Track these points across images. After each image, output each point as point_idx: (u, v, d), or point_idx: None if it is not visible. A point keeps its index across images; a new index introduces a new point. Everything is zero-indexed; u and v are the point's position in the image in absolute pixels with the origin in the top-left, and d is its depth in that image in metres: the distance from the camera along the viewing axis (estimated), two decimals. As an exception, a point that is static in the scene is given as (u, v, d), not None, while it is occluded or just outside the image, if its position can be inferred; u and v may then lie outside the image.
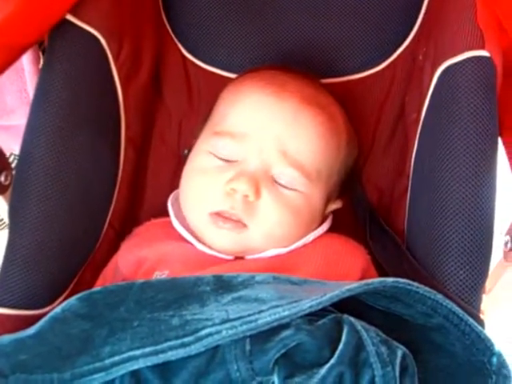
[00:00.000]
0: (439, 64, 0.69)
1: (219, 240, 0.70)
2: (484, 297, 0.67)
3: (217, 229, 0.69)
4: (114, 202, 0.80)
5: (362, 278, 0.67)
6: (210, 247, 0.71)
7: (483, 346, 0.54)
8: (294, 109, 0.70)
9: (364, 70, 0.88)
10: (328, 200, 0.75)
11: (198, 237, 0.72)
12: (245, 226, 0.69)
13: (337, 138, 0.74)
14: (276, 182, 0.69)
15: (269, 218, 0.69)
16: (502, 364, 0.54)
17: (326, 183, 0.73)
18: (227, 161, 0.71)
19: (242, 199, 0.68)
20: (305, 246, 0.72)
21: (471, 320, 0.54)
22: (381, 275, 0.70)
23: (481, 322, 0.60)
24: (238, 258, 0.71)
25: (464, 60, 0.66)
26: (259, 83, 0.74)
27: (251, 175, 0.68)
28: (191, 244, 0.72)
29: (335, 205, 0.78)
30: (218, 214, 0.69)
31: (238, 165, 0.70)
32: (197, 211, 0.72)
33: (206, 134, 0.75)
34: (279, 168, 0.69)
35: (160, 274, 0.68)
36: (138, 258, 0.72)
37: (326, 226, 0.75)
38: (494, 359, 0.54)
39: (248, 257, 0.71)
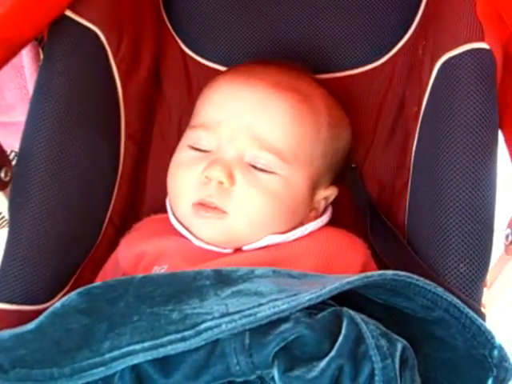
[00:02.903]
0: (439, 57, 0.69)
1: (205, 230, 0.71)
2: (485, 290, 0.67)
3: (200, 219, 0.70)
4: (114, 198, 0.81)
5: (361, 272, 0.66)
6: (207, 242, 0.71)
7: (484, 339, 0.54)
8: (264, 93, 0.71)
9: (364, 65, 0.88)
10: (315, 184, 0.74)
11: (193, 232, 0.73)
12: (224, 212, 0.69)
13: (314, 120, 0.73)
14: (252, 167, 0.70)
15: (247, 203, 0.69)
16: (503, 357, 0.54)
17: (308, 166, 0.73)
18: (203, 152, 0.72)
19: (216, 186, 0.69)
20: (304, 238, 0.71)
21: (472, 313, 0.54)
22: (381, 269, 0.70)
23: (482, 316, 0.59)
24: (237, 250, 0.71)
25: (463, 52, 0.65)
26: (231, 74, 0.75)
27: (224, 162, 0.69)
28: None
29: (328, 191, 0.77)
30: (199, 204, 0.70)
31: (212, 154, 0.71)
32: (181, 204, 0.73)
33: (186, 130, 0.77)
34: (252, 152, 0.70)
35: (159, 269, 0.68)
36: (138, 253, 0.73)
37: (325, 219, 0.75)
38: (495, 352, 0.54)
39: (246, 247, 0.71)
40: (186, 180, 0.72)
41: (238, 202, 0.69)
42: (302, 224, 0.74)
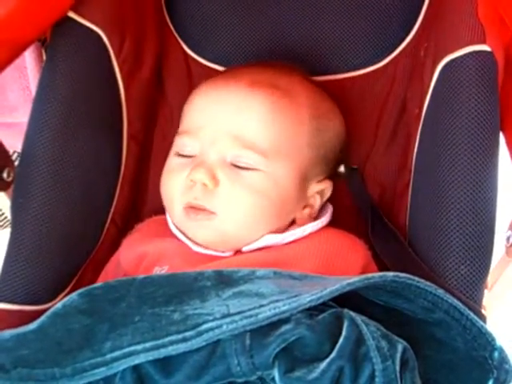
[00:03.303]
0: (440, 59, 0.69)
1: (198, 232, 0.71)
2: (486, 292, 0.67)
3: (192, 221, 0.71)
4: (116, 199, 0.81)
5: (362, 274, 0.66)
6: (205, 247, 0.71)
7: (484, 341, 0.54)
8: (241, 93, 0.72)
9: (366, 67, 0.88)
10: (304, 177, 0.74)
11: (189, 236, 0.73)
12: (213, 213, 0.70)
13: (294, 113, 0.73)
14: (235, 166, 0.70)
15: (232, 202, 0.70)
16: (504, 359, 0.54)
17: (294, 159, 0.72)
18: (189, 157, 0.73)
19: (201, 188, 0.69)
20: (304, 239, 0.71)
21: (472, 315, 0.54)
22: (382, 270, 0.70)
23: (482, 317, 0.60)
24: (237, 253, 0.72)
25: (465, 54, 0.66)
26: (212, 80, 0.76)
27: (207, 165, 0.70)
28: None
29: (321, 185, 0.76)
30: (189, 208, 0.71)
31: (197, 159, 0.71)
32: (173, 210, 0.74)
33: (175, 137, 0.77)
34: (234, 152, 0.70)
35: (160, 270, 0.69)
36: (139, 254, 0.73)
37: (325, 220, 0.75)
38: (496, 354, 0.54)
39: (245, 249, 0.71)
40: (174, 186, 0.73)
41: (224, 201, 0.69)
42: (295, 222, 0.74)
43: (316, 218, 0.76)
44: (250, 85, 0.72)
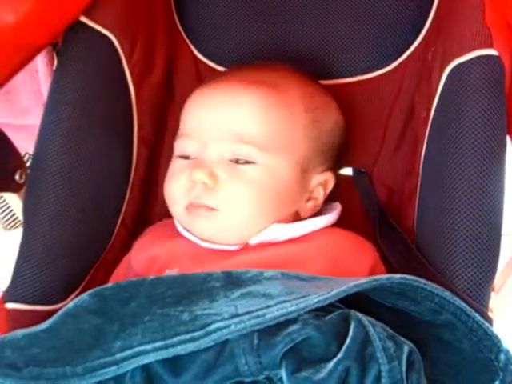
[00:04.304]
0: (447, 63, 0.69)
1: (203, 228, 0.72)
2: (493, 295, 0.67)
3: (195, 218, 0.72)
4: (126, 201, 0.82)
5: (370, 275, 0.67)
6: (212, 242, 0.72)
7: (491, 343, 0.54)
8: (231, 91, 0.73)
9: (374, 71, 0.88)
10: (304, 168, 0.74)
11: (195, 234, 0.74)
12: (214, 209, 0.71)
13: (287, 106, 0.73)
14: (234, 162, 0.71)
15: (233, 197, 0.70)
16: (510, 361, 0.54)
17: (292, 151, 0.73)
18: (188, 159, 0.74)
19: (202, 188, 0.70)
20: (313, 239, 0.71)
21: (479, 317, 0.55)
22: (389, 273, 0.70)
23: (489, 320, 0.60)
24: (245, 247, 0.72)
25: (472, 59, 0.66)
26: (206, 83, 0.77)
27: (206, 164, 0.71)
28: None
29: (323, 176, 0.77)
30: (190, 206, 0.72)
31: (196, 159, 0.73)
32: (176, 211, 0.75)
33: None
34: (229, 148, 0.71)
35: (170, 272, 0.69)
36: (151, 257, 0.74)
37: (332, 217, 0.76)
38: (502, 356, 0.54)
39: (252, 241, 0.72)
40: (176, 188, 0.74)
41: (225, 197, 0.70)
42: (300, 214, 0.75)
43: (323, 214, 0.76)
44: (242, 82, 0.74)
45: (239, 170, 0.71)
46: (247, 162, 0.71)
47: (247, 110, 0.72)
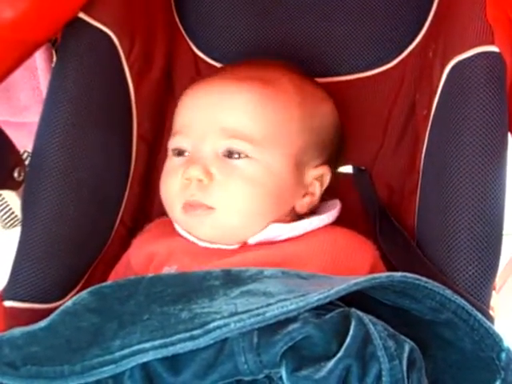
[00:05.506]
0: (448, 60, 0.69)
1: (200, 229, 0.72)
2: (494, 294, 0.67)
3: (192, 218, 0.71)
4: (125, 199, 0.81)
5: (370, 273, 0.66)
6: (210, 242, 0.72)
7: (492, 342, 0.54)
8: (225, 86, 0.73)
9: (375, 68, 0.87)
10: (299, 163, 0.74)
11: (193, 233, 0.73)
12: (210, 207, 0.70)
13: (281, 100, 0.73)
14: (227, 158, 0.71)
15: (228, 193, 0.70)
16: (511, 360, 0.54)
17: (286, 145, 0.73)
18: (183, 156, 0.74)
19: (197, 185, 0.70)
20: (312, 237, 0.71)
21: (480, 315, 0.54)
22: (390, 271, 0.70)
23: (490, 318, 0.60)
24: (244, 246, 0.72)
25: (473, 56, 0.66)
26: (199, 81, 0.77)
27: (200, 161, 0.70)
28: None
29: (318, 170, 0.76)
30: (187, 205, 0.71)
31: (190, 156, 0.72)
32: (172, 210, 0.74)
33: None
34: (224, 144, 0.71)
35: (169, 269, 0.69)
36: (149, 254, 0.73)
37: (331, 215, 0.75)
38: (503, 355, 0.54)
39: (251, 240, 0.72)
40: (171, 186, 0.73)
41: (221, 194, 0.70)
42: (296, 210, 0.75)
43: (323, 212, 0.76)
44: (235, 79, 0.74)
45: (234, 166, 0.70)
46: (241, 158, 0.71)
47: (239, 105, 0.72)
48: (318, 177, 0.76)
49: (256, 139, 0.71)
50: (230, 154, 0.71)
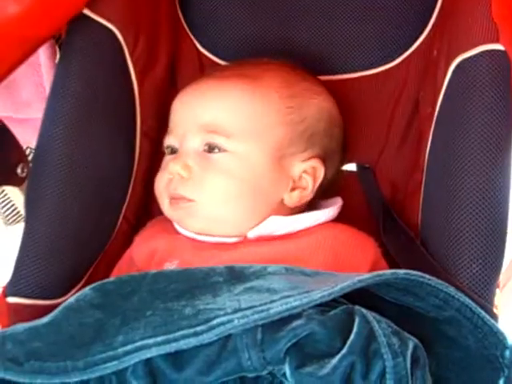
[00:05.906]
0: (453, 58, 0.69)
1: (186, 221, 0.73)
2: (498, 292, 0.67)
3: (177, 211, 0.73)
4: (129, 195, 0.81)
5: (371, 271, 0.66)
6: (210, 235, 0.72)
7: (496, 340, 0.54)
8: (209, 86, 0.75)
9: (378, 66, 0.87)
10: (280, 156, 0.73)
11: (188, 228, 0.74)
12: (191, 200, 0.71)
13: (260, 94, 0.74)
14: (208, 153, 0.72)
15: (206, 186, 0.71)
16: (515, 357, 0.54)
17: (264, 138, 0.73)
18: (173, 153, 0.75)
19: (179, 180, 0.72)
20: (314, 234, 0.71)
21: (484, 313, 0.54)
22: (392, 268, 0.69)
23: (494, 316, 0.59)
24: (244, 240, 0.72)
25: (478, 54, 0.65)
26: (191, 83, 0.78)
27: (181, 156, 0.73)
28: None
29: (308, 164, 0.75)
30: (172, 199, 0.73)
31: (177, 154, 0.74)
32: (163, 205, 0.75)
33: None
34: (202, 139, 0.72)
35: (170, 265, 0.69)
36: (150, 250, 0.74)
37: (332, 211, 0.75)
38: (507, 353, 0.54)
39: (250, 234, 0.72)
40: (160, 182, 0.75)
41: (199, 187, 0.71)
42: (285, 203, 0.74)
43: (324, 208, 0.76)
44: (220, 77, 0.76)
45: (211, 159, 0.71)
46: (221, 152, 0.72)
47: (219, 101, 0.73)
48: (307, 170, 0.75)
49: (233, 133, 0.71)
50: (209, 149, 0.72)
